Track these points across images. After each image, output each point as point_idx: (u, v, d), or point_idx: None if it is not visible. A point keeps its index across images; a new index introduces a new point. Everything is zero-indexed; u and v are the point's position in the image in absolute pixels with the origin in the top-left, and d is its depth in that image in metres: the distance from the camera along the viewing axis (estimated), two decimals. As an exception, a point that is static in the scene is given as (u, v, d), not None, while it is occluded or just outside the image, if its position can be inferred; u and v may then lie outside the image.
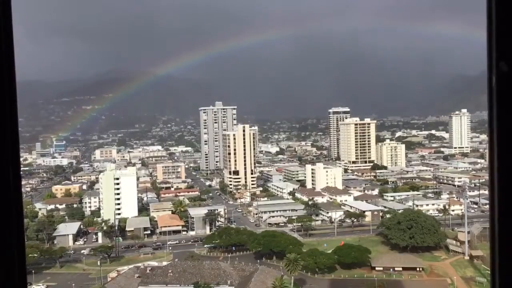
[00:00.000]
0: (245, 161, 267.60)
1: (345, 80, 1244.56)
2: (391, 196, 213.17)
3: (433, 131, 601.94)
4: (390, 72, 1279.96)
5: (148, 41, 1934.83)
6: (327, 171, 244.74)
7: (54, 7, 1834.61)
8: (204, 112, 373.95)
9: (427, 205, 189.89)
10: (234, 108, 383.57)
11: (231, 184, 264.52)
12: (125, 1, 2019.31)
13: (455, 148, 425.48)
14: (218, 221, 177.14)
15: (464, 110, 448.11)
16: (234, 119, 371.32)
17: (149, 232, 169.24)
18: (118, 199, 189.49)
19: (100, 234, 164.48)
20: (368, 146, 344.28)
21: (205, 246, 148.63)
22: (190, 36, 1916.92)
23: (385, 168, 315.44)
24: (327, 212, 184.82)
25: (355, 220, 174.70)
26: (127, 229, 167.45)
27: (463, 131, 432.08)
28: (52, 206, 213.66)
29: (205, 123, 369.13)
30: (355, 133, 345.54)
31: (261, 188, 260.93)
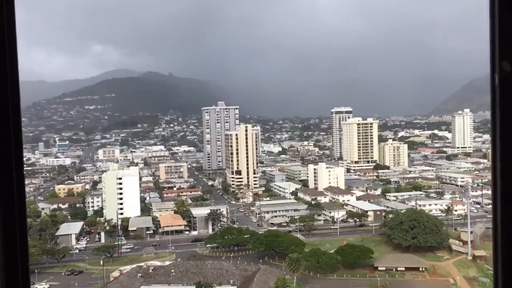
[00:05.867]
0: (247, 161, 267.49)
1: (347, 80, 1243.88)
2: (394, 196, 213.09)
3: (435, 131, 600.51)
4: (392, 72, 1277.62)
5: (148, 41, 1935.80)
6: (329, 171, 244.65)
7: (54, 7, 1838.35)
8: (206, 112, 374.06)
9: (430, 205, 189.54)
10: (236, 108, 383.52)
11: (233, 184, 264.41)
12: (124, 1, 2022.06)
13: (457, 148, 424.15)
14: (220, 221, 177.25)
15: (467, 110, 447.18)
16: (237, 119, 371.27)
17: (151, 231, 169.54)
18: (121, 199, 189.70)
19: (102, 234, 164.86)
20: (371, 146, 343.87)
21: (207, 245, 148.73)
22: (190, 36, 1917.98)
23: (388, 168, 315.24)
24: (330, 212, 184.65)
25: (358, 220, 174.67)
26: (129, 228, 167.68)
27: (466, 131, 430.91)
28: (55, 206, 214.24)
29: (208, 123, 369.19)
30: (358, 133, 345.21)
31: (263, 188, 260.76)
